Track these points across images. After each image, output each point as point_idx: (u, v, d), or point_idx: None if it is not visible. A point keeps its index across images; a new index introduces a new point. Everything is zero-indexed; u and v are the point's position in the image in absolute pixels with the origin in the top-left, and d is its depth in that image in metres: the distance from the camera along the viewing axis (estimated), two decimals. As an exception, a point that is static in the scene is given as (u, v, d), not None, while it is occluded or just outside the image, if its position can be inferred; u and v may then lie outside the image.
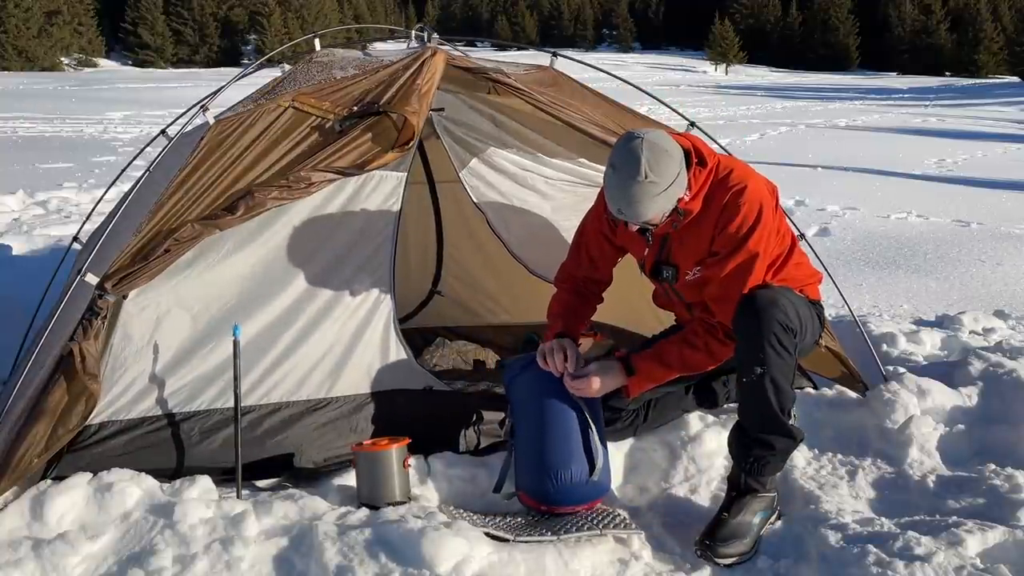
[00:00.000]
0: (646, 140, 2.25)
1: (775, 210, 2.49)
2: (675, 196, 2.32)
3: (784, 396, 2.35)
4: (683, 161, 2.33)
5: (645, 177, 2.22)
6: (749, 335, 2.34)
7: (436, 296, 4.38)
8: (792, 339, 2.34)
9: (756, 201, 2.39)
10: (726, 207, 2.38)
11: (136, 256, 2.41)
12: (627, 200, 2.28)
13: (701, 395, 2.89)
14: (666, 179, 2.25)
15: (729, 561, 2.29)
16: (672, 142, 2.32)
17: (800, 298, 2.51)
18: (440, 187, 4.23)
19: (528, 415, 2.53)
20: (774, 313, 2.31)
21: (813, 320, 2.57)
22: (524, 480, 2.49)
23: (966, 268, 5.78)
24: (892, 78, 53.19)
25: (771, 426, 2.37)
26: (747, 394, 2.39)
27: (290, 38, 46.55)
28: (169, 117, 11.09)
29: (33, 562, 2.09)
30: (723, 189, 2.40)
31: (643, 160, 2.22)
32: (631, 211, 2.30)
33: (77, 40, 48.71)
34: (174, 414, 2.55)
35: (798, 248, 2.67)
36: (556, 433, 2.46)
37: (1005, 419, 2.92)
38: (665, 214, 2.36)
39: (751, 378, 2.34)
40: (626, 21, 77.04)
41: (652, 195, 2.25)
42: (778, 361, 2.31)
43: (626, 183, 2.26)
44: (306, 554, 2.15)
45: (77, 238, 3.82)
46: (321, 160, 2.56)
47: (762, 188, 2.45)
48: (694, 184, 2.38)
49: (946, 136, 16.11)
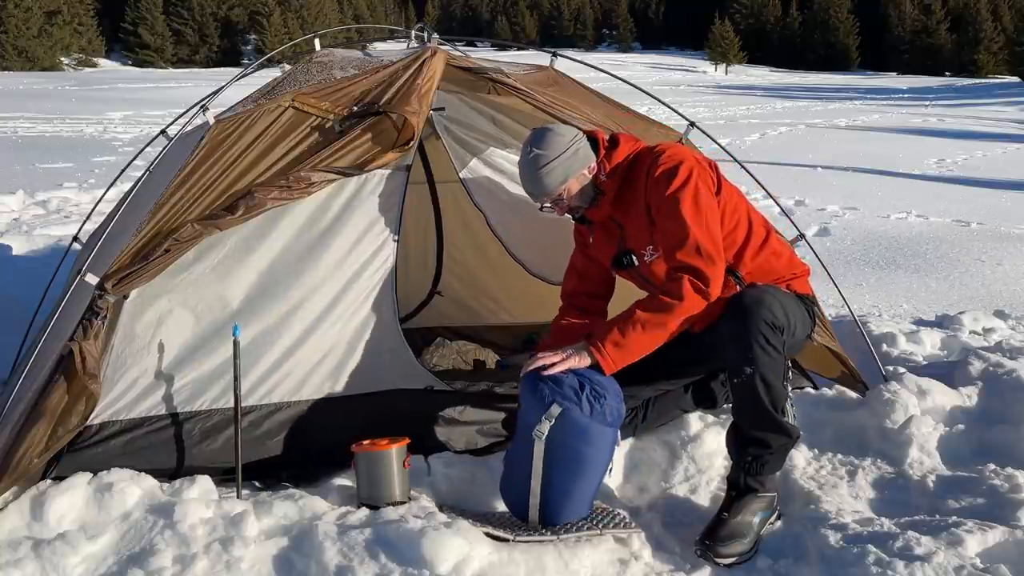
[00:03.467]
0: (533, 129, 2.60)
1: (708, 174, 2.56)
2: (575, 165, 2.52)
3: (776, 394, 2.35)
4: (580, 138, 2.56)
5: (530, 153, 2.52)
6: (736, 335, 2.35)
7: (436, 296, 4.38)
8: (780, 337, 2.35)
9: (680, 156, 2.52)
10: (649, 169, 2.53)
11: (136, 256, 2.41)
12: (526, 179, 2.58)
13: (700, 395, 2.89)
14: (553, 150, 2.49)
15: (729, 561, 2.29)
16: (567, 128, 2.58)
17: (787, 294, 2.53)
18: (440, 187, 4.23)
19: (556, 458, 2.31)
20: (760, 312, 2.33)
21: (803, 315, 2.58)
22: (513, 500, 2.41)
23: (966, 268, 5.78)
24: (892, 78, 53.20)
25: (765, 424, 2.38)
26: (739, 394, 2.41)
27: (290, 38, 46.57)
28: (169, 117, 11.12)
29: (33, 562, 2.09)
30: (646, 157, 2.59)
31: (528, 142, 2.55)
32: (532, 187, 2.57)
33: (77, 40, 48.70)
34: (175, 414, 2.55)
35: (774, 238, 2.70)
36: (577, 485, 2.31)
37: (1005, 419, 2.92)
38: (573, 187, 2.55)
39: (742, 378, 2.35)
40: (626, 21, 77.07)
41: (540, 167, 2.50)
42: (767, 360, 2.32)
43: (522, 166, 2.58)
44: (306, 554, 2.15)
45: (77, 238, 3.82)
46: (321, 160, 2.56)
47: (687, 153, 2.57)
48: (607, 164, 2.58)
49: (946, 136, 16.11)
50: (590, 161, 2.55)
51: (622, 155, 2.59)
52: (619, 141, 2.62)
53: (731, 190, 2.63)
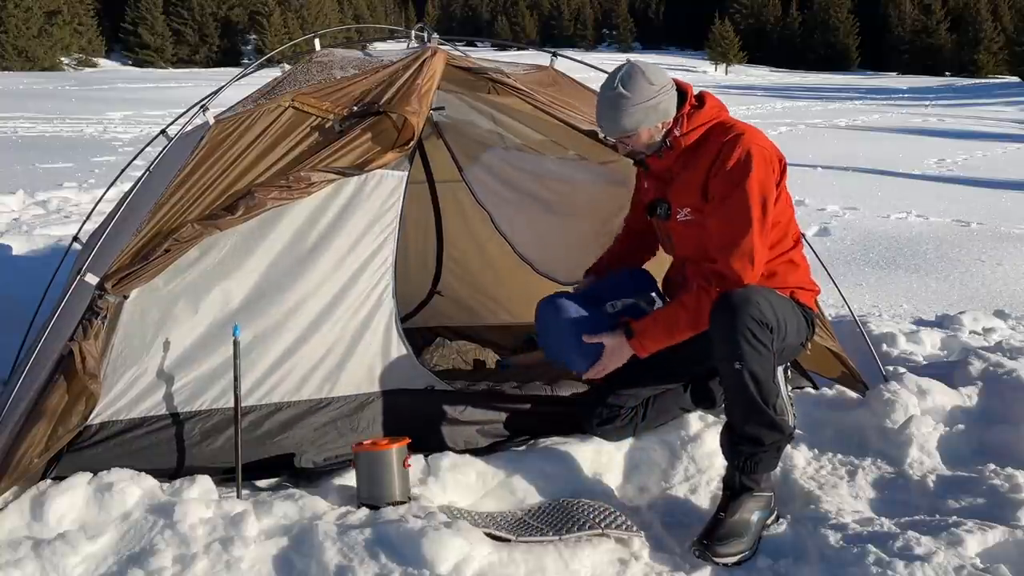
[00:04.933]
0: (630, 62, 2.50)
1: (777, 177, 2.52)
2: (652, 117, 2.47)
3: (765, 389, 2.36)
4: (669, 90, 2.49)
5: (614, 88, 2.44)
6: (723, 330, 2.37)
7: (436, 296, 4.38)
8: (768, 334, 2.36)
9: (755, 150, 2.45)
10: (722, 149, 2.48)
11: (136, 256, 2.41)
12: (601, 112, 2.52)
13: (699, 394, 2.89)
14: (638, 95, 2.43)
15: (728, 561, 2.29)
16: (659, 71, 2.50)
17: (783, 298, 2.53)
18: (440, 186, 4.23)
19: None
20: (747, 308, 2.34)
21: (798, 321, 2.57)
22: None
23: (966, 268, 5.78)
24: (892, 78, 53.19)
25: (757, 420, 2.38)
26: (729, 390, 2.42)
27: (290, 38, 46.56)
28: (169, 117, 11.12)
29: (33, 562, 2.09)
30: (721, 133, 2.53)
31: (617, 76, 2.47)
32: (604, 122, 2.53)
33: (77, 40, 48.66)
34: (175, 414, 2.55)
35: (800, 250, 2.69)
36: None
37: (1005, 419, 2.92)
38: (643, 135, 2.51)
39: (730, 373, 2.37)
40: (626, 21, 77.04)
41: (622, 108, 2.44)
42: (754, 355, 2.33)
43: (601, 97, 2.51)
44: (306, 554, 2.15)
45: (77, 238, 3.82)
46: (321, 160, 2.56)
47: (765, 146, 2.50)
48: (686, 123, 2.52)
49: (946, 136, 16.12)
50: (669, 116, 2.51)
51: (702, 119, 2.54)
52: (705, 103, 2.56)
53: (786, 195, 2.61)
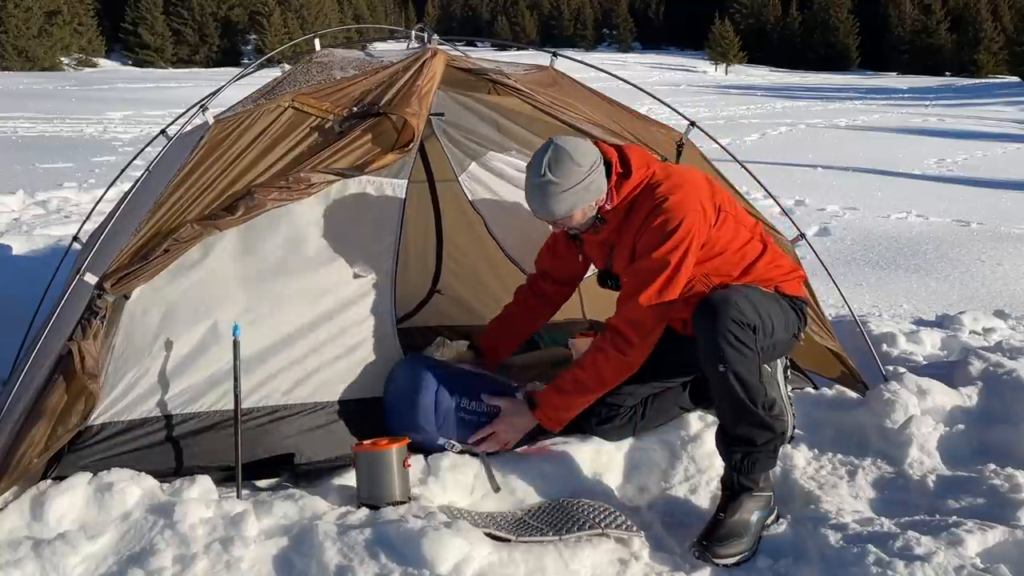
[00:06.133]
0: (554, 144, 2.45)
1: (713, 216, 2.55)
2: (585, 198, 2.47)
3: (752, 390, 2.37)
4: (597, 167, 2.48)
5: (542, 176, 2.42)
6: (705, 334, 2.39)
7: (436, 295, 4.38)
8: (751, 335, 2.38)
9: (679, 213, 2.47)
10: (648, 216, 2.51)
11: (135, 256, 2.41)
12: (531, 197, 2.51)
13: (698, 393, 2.89)
14: (567, 180, 2.42)
15: (727, 561, 2.29)
16: (585, 149, 2.47)
17: (765, 295, 2.55)
18: (440, 186, 4.22)
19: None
20: (727, 310, 2.36)
21: (785, 314, 2.59)
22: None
23: (966, 268, 5.79)
24: (892, 78, 53.18)
25: (746, 420, 2.38)
26: (716, 393, 2.43)
27: (290, 38, 46.55)
28: (169, 117, 11.09)
29: (33, 562, 2.08)
30: (649, 199, 2.53)
31: (544, 161, 2.43)
32: (536, 207, 2.51)
33: (77, 40, 48.67)
34: (175, 415, 2.54)
35: (772, 249, 2.72)
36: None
37: (1005, 419, 2.93)
38: (577, 216, 2.51)
39: (715, 376, 2.38)
40: (626, 21, 77.02)
41: (552, 194, 2.43)
42: (738, 357, 2.35)
43: (529, 183, 2.49)
44: (306, 554, 2.15)
45: (77, 238, 3.81)
46: (321, 161, 2.56)
47: (692, 201, 2.50)
48: (616, 195, 2.54)
49: (946, 136, 16.12)
50: (602, 192, 2.52)
51: (630, 186, 2.56)
52: (631, 170, 2.56)
53: (733, 219, 2.62)
